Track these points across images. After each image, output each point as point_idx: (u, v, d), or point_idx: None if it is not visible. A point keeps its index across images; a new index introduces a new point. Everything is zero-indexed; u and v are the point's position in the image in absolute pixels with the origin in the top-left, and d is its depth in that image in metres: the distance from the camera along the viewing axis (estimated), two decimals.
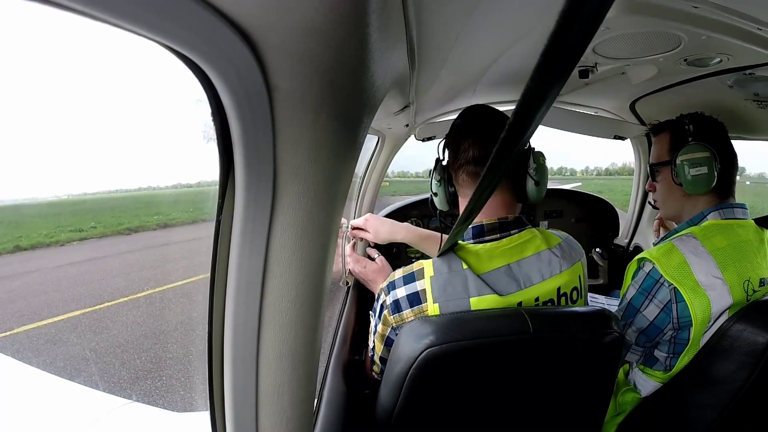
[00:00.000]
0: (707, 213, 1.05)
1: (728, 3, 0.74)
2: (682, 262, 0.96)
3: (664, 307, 0.96)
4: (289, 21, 0.33)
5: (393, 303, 0.84)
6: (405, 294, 0.82)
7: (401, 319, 0.83)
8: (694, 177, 1.04)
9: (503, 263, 0.83)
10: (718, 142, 1.05)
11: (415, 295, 0.81)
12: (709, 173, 1.03)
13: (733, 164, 1.06)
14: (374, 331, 0.91)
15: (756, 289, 0.95)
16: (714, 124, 1.09)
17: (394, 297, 0.84)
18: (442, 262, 0.82)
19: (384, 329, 0.87)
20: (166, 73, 9.47)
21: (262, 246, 0.45)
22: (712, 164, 1.03)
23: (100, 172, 18.67)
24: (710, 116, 1.10)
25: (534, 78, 0.32)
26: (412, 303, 0.81)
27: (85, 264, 7.05)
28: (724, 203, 1.06)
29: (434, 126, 1.69)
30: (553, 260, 0.85)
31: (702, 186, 1.04)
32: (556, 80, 0.34)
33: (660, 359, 1.01)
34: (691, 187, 1.06)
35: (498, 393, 0.80)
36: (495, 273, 0.82)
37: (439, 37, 0.68)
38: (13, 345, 3.97)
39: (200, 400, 3.06)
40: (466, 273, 0.80)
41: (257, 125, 0.38)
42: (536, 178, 0.86)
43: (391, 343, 0.86)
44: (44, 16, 2.14)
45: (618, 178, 45.78)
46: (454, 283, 0.79)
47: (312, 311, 0.49)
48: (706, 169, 1.03)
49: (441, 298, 0.79)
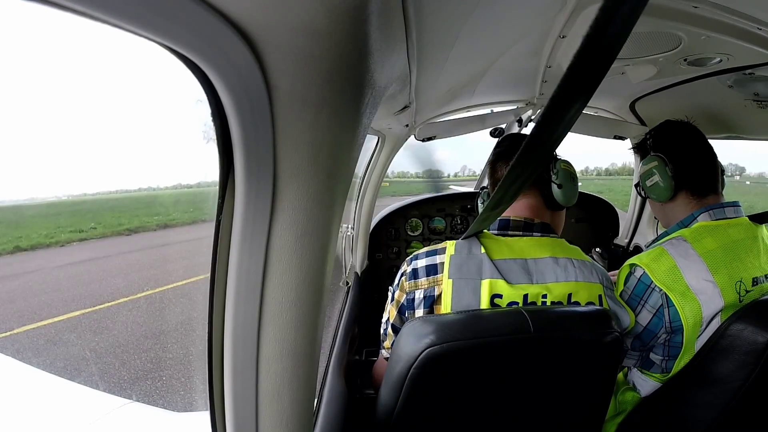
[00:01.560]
0: (697, 215, 1.04)
1: (728, 3, 0.74)
2: (672, 267, 0.96)
3: (657, 312, 0.97)
4: (289, 21, 0.33)
5: (412, 271, 0.91)
6: (425, 264, 0.90)
7: (415, 286, 0.89)
8: (651, 187, 1.09)
9: (520, 257, 0.88)
10: (671, 146, 1.07)
11: (433, 266, 0.88)
12: (662, 179, 1.06)
13: (693, 162, 1.06)
14: (391, 300, 0.96)
15: (749, 289, 0.94)
16: (675, 128, 1.11)
17: (414, 266, 0.91)
18: (464, 245, 0.88)
19: (400, 295, 0.93)
20: (166, 73, 9.47)
21: (262, 246, 0.45)
22: (664, 169, 1.05)
23: (100, 172, 18.66)
24: (679, 121, 1.12)
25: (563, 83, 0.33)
26: (429, 273, 0.88)
27: (85, 264, 7.04)
28: (712, 203, 1.04)
29: (434, 126, 1.69)
30: (569, 268, 0.88)
31: (661, 193, 1.07)
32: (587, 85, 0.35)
33: (656, 362, 1.01)
34: (654, 195, 1.10)
35: (498, 393, 0.80)
36: (509, 262, 0.87)
37: (439, 37, 0.68)
38: (13, 345, 3.97)
39: (200, 400, 3.06)
40: (482, 257, 0.85)
41: (257, 125, 0.38)
42: (558, 182, 0.94)
43: (403, 311, 0.92)
44: (44, 16, 2.14)
45: (618, 178, 45.78)
46: (469, 265, 0.85)
47: (312, 311, 0.49)
48: (656, 177, 1.07)
49: (455, 275, 0.85)
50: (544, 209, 0.97)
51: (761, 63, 0.99)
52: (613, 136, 1.80)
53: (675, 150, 1.07)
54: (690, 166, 1.05)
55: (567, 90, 0.34)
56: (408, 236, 2.14)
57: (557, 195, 0.95)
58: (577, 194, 0.98)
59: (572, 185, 0.95)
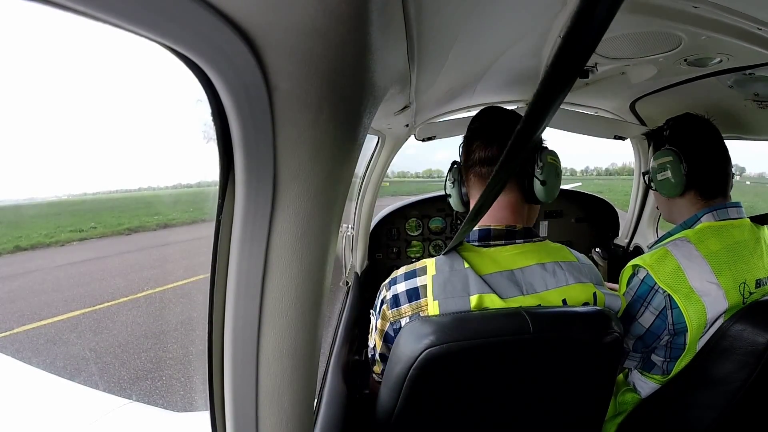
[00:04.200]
0: (701, 215, 1.03)
1: (728, 3, 0.74)
2: (676, 269, 0.95)
3: (660, 314, 0.96)
4: (289, 21, 0.33)
5: (392, 298, 0.84)
6: (405, 289, 0.83)
7: (399, 314, 0.83)
8: (661, 182, 1.07)
9: (505, 268, 0.83)
10: (689, 144, 1.05)
11: (414, 290, 0.82)
12: (674, 176, 1.04)
13: (708, 164, 1.04)
14: (375, 328, 0.91)
15: (752, 290, 0.94)
16: (694, 124, 1.08)
17: (394, 292, 0.84)
18: (444, 261, 0.82)
19: (383, 324, 0.87)
20: (166, 73, 9.46)
21: (262, 246, 0.45)
22: (678, 167, 1.03)
23: (100, 172, 18.67)
24: (699, 116, 1.09)
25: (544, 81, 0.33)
26: (411, 298, 0.82)
27: (85, 264, 7.04)
28: (717, 204, 1.04)
29: (434, 126, 1.69)
30: (558, 272, 0.84)
31: (671, 189, 1.05)
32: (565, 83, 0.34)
33: (657, 363, 1.01)
34: (663, 191, 1.08)
35: (498, 393, 0.80)
36: (496, 276, 0.82)
37: (439, 37, 0.67)
38: (13, 345, 3.97)
39: (200, 400, 3.06)
40: (467, 272, 0.80)
41: (257, 125, 0.38)
42: (542, 178, 0.85)
43: (390, 339, 0.86)
44: (44, 16, 2.13)
45: (618, 178, 45.80)
46: (453, 282, 0.80)
47: (312, 311, 0.49)
48: (669, 173, 1.04)
49: (441, 295, 0.79)
50: (522, 204, 0.90)
51: (761, 63, 0.99)
52: (613, 136, 1.80)
53: (692, 148, 1.04)
54: (705, 167, 1.04)
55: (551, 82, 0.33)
56: (408, 236, 2.14)
57: (539, 192, 0.86)
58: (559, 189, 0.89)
59: (556, 181, 0.87)
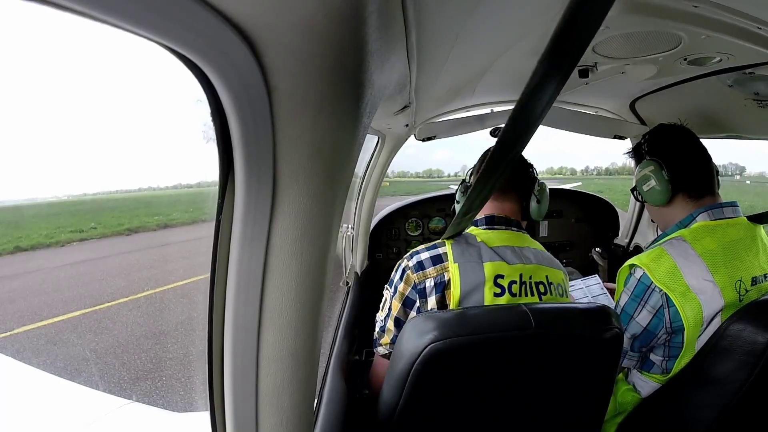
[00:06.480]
0: (696, 215, 1.04)
1: (728, 2, 0.74)
2: (672, 267, 0.96)
3: (657, 313, 0.97)
4: (289, 21, 0.33)
5: (416, 263, 0.96)
6: (429, 256, 0.96)
7: (424, 276, 0.94)
8: (648, 192, 1.09)
9: (509, 244, 0.99)
10: (666, 150, 1.07)
11: (437, 256, 0.96)
12: (659, 183, 1.06)
13: (688, 165, 1.06)
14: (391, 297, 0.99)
15: (748, 288, 0.94)
16: (669, 131, 1.11)
17: (418, 259, 0.96)
18: (460, 238, 0.98)
19: (405, 288, 0.96)
20: (166, 73, 9.46)
21: (262, 246, 0.45)
22: (660, 174, 1.05)
23: (100, 172, 18.66)
24: (673, 124, 1.12)
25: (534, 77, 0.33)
26: (435, 262, 0.95)
27: (85, 264, 7.04)
28: (709, 204, 1.04)
29: (434, 126, 1.69)
30: (540, 256, 1.01)
31: (659, 197, 1.07)
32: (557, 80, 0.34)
33: (656, 363, 1.01)
34: (653, 200, 1.09)
35: (500, 389, 0.80)
36: (502, 248, 0.98)
37: (439, 37, 0.68)
38: (13, 345, 3.97)
39: (200, 400, 3.06)
40: (480, 245, 0.96)
41: (257, 125, 0.38)
42: (539, 197, 1.08)
43: (410, 304, 0.96)
44: (44, 17, 2.13)
45: (618, 178, 45.86)
46: (470, 251, 0.95)
47: (312, 311, 0.49)
48: (653, 182, 1.07)
49: (460, 259, 0.93)
50: (518, 214, 1.09)
51: (761, 62, 0.99)
52: (613, 136, 1.80)
53: (670, 153, 1.07)
54: (686, 168, 1.06)
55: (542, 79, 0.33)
56: (408, 236, 2.14)
57: (533, 209, 1.08)
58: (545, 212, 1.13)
59: (546, 204, 1.10)
